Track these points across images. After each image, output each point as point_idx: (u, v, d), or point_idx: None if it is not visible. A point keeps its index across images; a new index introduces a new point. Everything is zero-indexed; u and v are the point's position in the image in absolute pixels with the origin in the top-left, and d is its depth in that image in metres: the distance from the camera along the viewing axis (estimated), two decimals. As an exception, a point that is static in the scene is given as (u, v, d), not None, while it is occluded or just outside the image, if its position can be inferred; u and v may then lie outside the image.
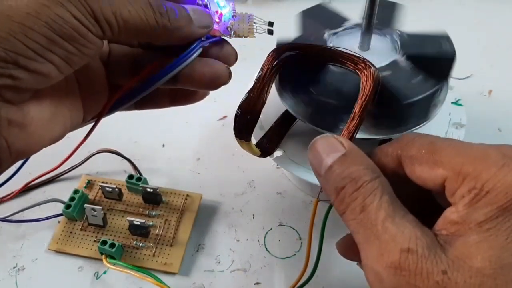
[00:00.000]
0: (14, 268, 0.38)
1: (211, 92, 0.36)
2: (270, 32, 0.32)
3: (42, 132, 0.27)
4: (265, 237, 0.40)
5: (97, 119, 0.31)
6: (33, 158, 0.29)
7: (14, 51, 0.23)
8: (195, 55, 0.30)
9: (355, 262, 0.28)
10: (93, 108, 0.31)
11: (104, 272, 0.38)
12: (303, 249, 0.39)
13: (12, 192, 0.42)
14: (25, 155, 0.27)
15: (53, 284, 0.37)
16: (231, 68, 0.32)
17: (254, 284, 0.37)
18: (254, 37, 0.32)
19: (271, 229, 0.41)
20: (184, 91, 0.35)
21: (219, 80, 0.31)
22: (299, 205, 0.42)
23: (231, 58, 0.32)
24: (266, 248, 0.40)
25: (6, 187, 0.41)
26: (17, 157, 0.26)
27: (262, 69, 0.31)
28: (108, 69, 0.32)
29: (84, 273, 0.38)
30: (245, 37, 0.32)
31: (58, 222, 0.40)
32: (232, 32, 0.31)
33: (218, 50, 0.32)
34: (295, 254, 0.39)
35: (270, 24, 0.32)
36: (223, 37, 0.32)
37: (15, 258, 0.39)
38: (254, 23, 0.32)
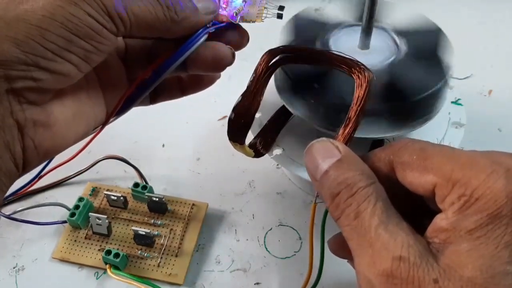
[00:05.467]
0: (14, 268, 0.38)
1: (211, 92, 0.36)
2: (280, 16, 0.31)
3: (67, 131, 0.27)
4: (265, 237, 0.40)
5: (116, 114, 0.31)
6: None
7: (34, 54, 0.24)
8: (200, 41, 0.30)
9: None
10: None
11: (104, 272, 0.38)
12: (303, 249, 0.39)
13: (16, 193, 0.42)
14: (52, 155, 0.27)
15: (53, 284, 0.37)
16: (244, 49, 0.32)
17: (254, 284, 0.37)
18: (262, 21, 0.31)
19: (271, 229, 0.41)
20: (192, 79, 0.35)
21: (223, 61, 0.31)
22: (299, 205, 0.42)
23: (240, 41, 0.32)
24: (266, 248, 0.40)
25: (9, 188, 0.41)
26: (44, 157, 0.27)
27: (255, 72, 0.30)
28: (126, 64, 0.33)
29: (84, 273, 0.38)
30: (253, 22, 0.31)
31: (64, 226, 0.40)
32: (239, 17, 0.31)
33: (224, 34, 0.32)
34: (295, 254, 0.39)
35: (281, 8, 0.31)
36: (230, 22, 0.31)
37: (15, 258, 0.39)
38: (265, 7, 0.31)
